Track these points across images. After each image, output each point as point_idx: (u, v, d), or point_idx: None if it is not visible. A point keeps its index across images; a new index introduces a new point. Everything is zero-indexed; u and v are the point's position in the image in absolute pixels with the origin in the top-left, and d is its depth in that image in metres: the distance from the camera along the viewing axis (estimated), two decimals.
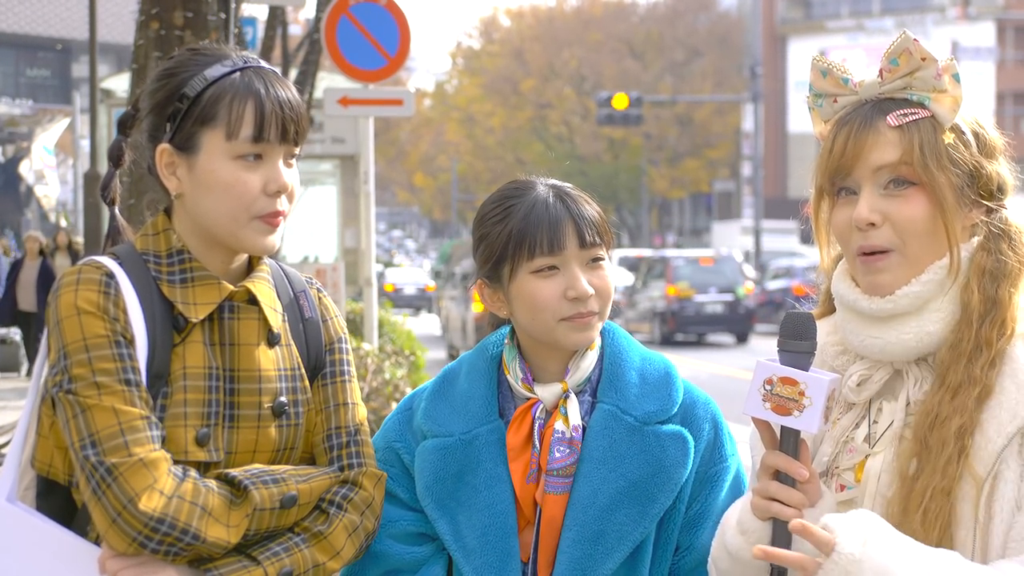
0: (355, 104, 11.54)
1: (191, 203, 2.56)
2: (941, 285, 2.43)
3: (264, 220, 2.54)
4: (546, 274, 2.78)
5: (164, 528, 2.38)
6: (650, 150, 57.94)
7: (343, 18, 11.44)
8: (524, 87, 60.57)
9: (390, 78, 11.92)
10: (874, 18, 54.40)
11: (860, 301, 2.47)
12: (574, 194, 2.84)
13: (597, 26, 60.78)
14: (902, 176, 2.42)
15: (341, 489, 2.64)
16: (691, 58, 59.76)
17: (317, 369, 2.70)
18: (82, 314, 2.45)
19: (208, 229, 2.56)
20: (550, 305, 2.78)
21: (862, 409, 2.54)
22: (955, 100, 2.42)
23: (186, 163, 2.54)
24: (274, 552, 2.51)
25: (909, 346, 2.44)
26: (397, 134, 60.72)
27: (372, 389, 9.89)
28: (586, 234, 2.78)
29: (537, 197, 2.83)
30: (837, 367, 2.56)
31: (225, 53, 2.59)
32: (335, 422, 2.69)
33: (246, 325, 2.59)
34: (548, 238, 2.77)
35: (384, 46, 11.51)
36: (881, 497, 2.42)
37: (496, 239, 2.82)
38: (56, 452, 2.54)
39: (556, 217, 2.79)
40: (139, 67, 6.66)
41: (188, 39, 6.52)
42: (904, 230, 2.42)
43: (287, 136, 2.55)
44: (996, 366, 2.38)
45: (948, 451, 2.34)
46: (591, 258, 2.80)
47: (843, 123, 2.48)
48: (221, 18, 6.87)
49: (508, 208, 2.84)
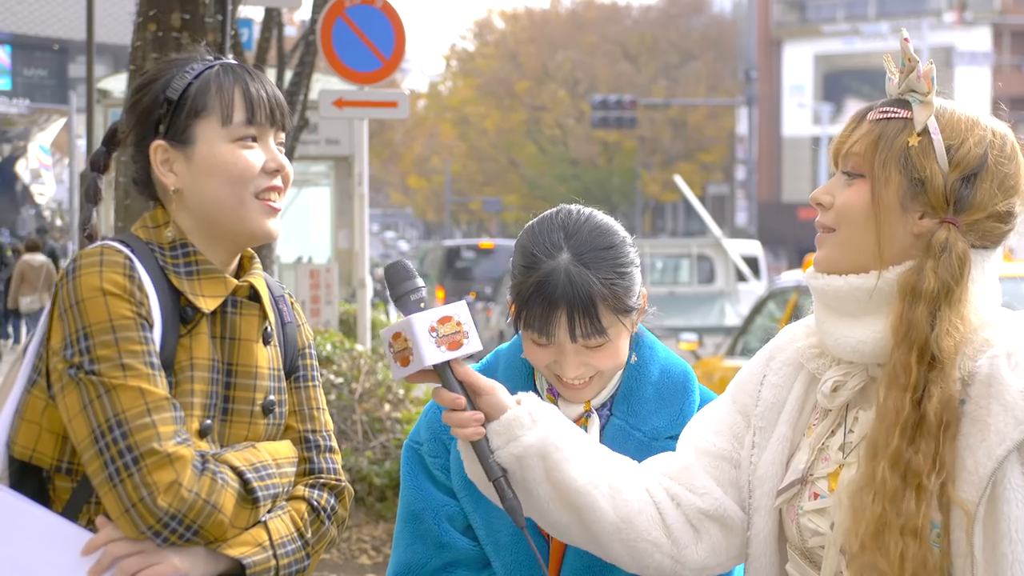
0: (350, 106, 11.56)
1: (192, 195, 2.59)
2: (879, 291, 2.46)
3: (265, 202, 2.59)
4: (541, 342, 2.80)
5: (174, 525, 2.41)
6: (644, 153, 57.88)
7: (339, 20, 11.47)
8: (518, 89, 60.47)
9: (385, 80, 11.94)
10: (870, 22, 54.37)
11: (808, 276, 2.55)
12: (584, 273, 2.77)
13: (591, 29, 60.70)
14: (854, 166, 2.49)
15: (331, 500, 2.69)
16: (685, 61, 59.69)
17: (290, 372, 2.75)
18: (108, 295, 2.45)
19: (211, 218, 2.59)
20: (538, 365, 2.84)
21: (837, 416, 2.57)
22: (931, 106, 2.47)
23: (183, 155, 2.58)
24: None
25: (879, 346, 2.46)
26: (391, 136, 60.61)
27: (365, 390, 9.90)
28: (577, 328, 2.75)
29: (551, 271, 2.77)
30: (814, 371, 2.59)
31: (195, 56, 2.66)
32: (311, 425, 2.74)
33: (247, 321, 2.63)
34: (538, 323, 2.77)
35: (379, 48, 11.53)
36: (849, 497, 2.44)
37: (513, 286, 2.84)
38: (45, 436, 2.53)
39: (551, 303, 2.75)
40: (136, 68, 6.69)
41: (185, 40, 6.55)
42: (839, 214, 2.50)
43: (275, 119, 2.62)
44: (936, 394, 2.36)
45: (908, 489, 2.35)
46: (589, 345, 2.78)
47: (856, 113, 2.56)
48: (218, 20, 6.91)
49: (525, 268, 2.81)
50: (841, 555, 2.45)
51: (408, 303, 2.53)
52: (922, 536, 2.33)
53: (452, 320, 2.51)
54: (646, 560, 2.62)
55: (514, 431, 2.56)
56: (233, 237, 2.62)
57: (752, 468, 2.63)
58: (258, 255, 2.76)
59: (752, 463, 2.63)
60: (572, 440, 2.61)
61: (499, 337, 24.75)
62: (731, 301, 20.04)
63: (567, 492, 2.57)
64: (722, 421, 2.70)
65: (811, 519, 2.52)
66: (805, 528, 2.53)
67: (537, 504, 2.60)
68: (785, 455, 2.60)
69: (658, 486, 2.65)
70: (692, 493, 2.64)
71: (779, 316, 11.81)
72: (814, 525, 2.51)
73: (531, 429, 2.56)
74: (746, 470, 2.64)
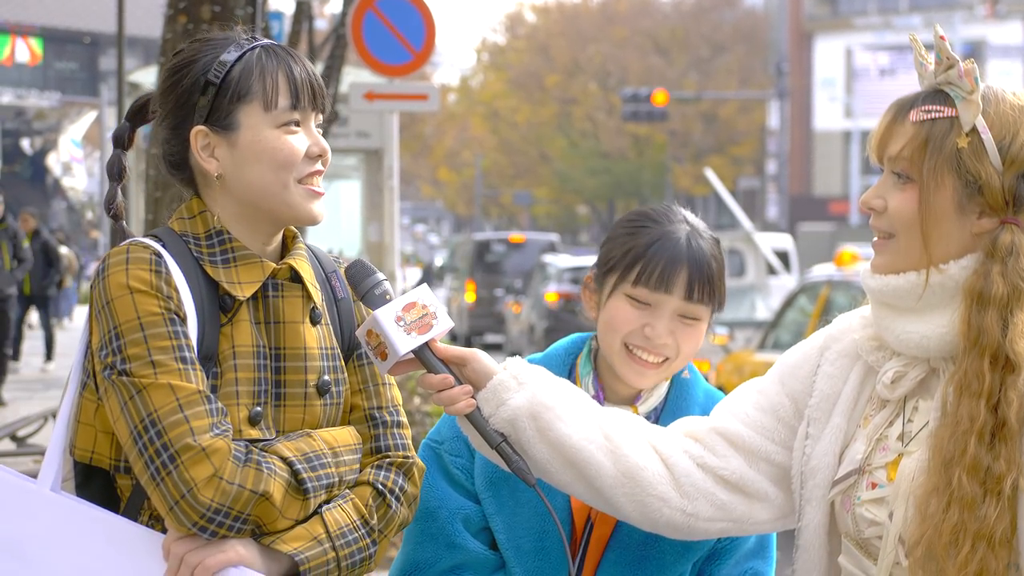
0: (380, 99, 11.58)
1: (235, 180, 2.56)
2: (941, 285, 2.45)
3: (309, 187, 2.57)
4: (638, 305, 2.79)
5: (220, 518, 2.39)
6: (674, 147, 57.77)
7: (369, 13, 11.47)
8: (549, 83, 60.42)
9: (415, 73, 11.94)
10: (901, 15, 54.10)
11: (864, 276, 2.54)
12: (702, 241, 2.84)
13: (622, 22, 60.61)
14: (903, 169, 2.45)
15: (398, 479, 2.63)
16: (716, 54, 59.55)
17: (351, 350, 2.71)
18: (135, 293, 2.43)
19: (255, 203, 2.56)
20: (624, 328, 2.80)
21: (896, 407, 2.54)
22: (978, 104, 2.42)
23: (226, 141, 2.55)
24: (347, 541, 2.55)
25: (945, 340, 2.44)
26: (422, 129, 60.59)
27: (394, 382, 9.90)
28: (695, 288, 2.78)
29: (670, 234, 2.82)
30: (873, 363, 2.57)
31: (233, 36, 2.62)
32: (376, 401, 2.70)
33: (290, 303, 2.60)
34: (658, 275, 2.78)
35: (410, 41, 11.54)
36: (914, 497, 2.43)
37: (617, 249, 2.84)
38: (101, 437, 2.52)
39: (675, 258, 2.79)
40: (167, 61, 6.69)
41: None
42: (895, 220, 2.47)
43: (317, 102, 2.60)
44: (1016, 399, 2.35)
45: (989, 496, 2.35)
46: (688, 314, 2.80)
47: (893, 106, 2.52)
48: (248, 12, 6.91)
49: (642, 227, 2.85)
50: (899, 544, 2.44)
51: (374, 298, 2.56)
52: (999, 541, 2.33)
53: (417, 305, 2.54)
54: (655, 515, 2.62)
55: (501, 395, 2.59)
56: (276, 221, 2.60)
57: (805, 459, 2.61)
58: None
59: (805, 454, 2.61)
60: (563, 398, 2.63)
61: (529, 331, 24.70)
62: (762, 295, 20.00)
63: (563, 449, 2.59)
64: (767, 399, 2.68)
65: (868, 509, 2.50)
66: (861, 518, 2.51)
67: (537, 465, 2.61)
68: (839, 446, 2.58)
69: (670, 443, 2.65)
70: (713, 455, 2.65)
71: (810, 310, 11.76)
72: (871, 515, 2.50)
73: (517, 391, 2.60)
74: (798, 460, 2.63)
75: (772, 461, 2.65)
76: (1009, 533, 2.35)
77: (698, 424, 2.71)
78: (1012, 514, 2.35)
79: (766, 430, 2.65)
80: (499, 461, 2.61)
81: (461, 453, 2.88)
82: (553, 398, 2.62)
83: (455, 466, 2.88)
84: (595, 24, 61.25)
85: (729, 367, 12.77)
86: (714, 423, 2.69)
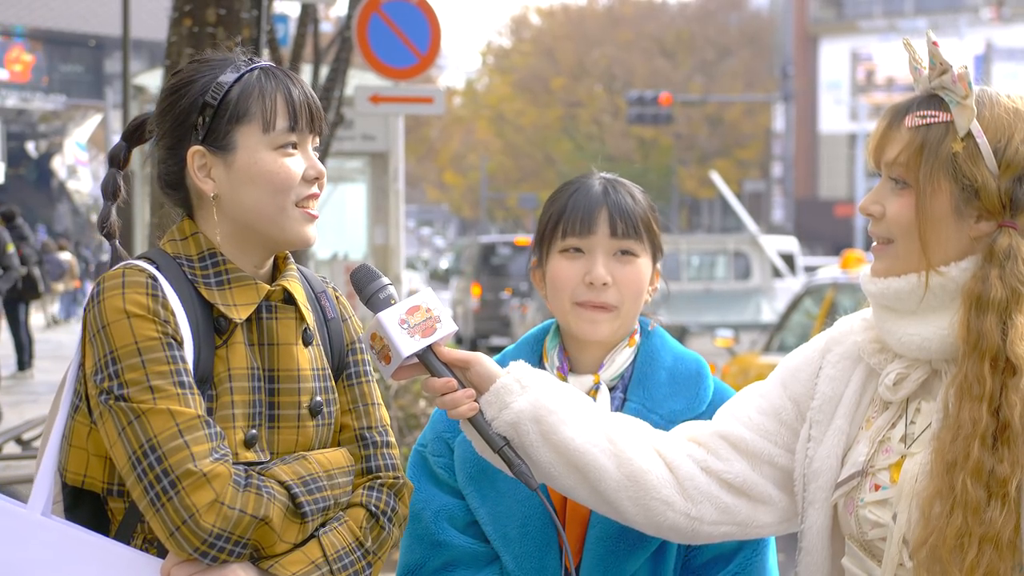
0: (386, 102, 11.59)
1: (231, 202, 2.56)
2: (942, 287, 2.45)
3: (305, 210, 2.57)
4: (571, 255, 2.85)
5: (220, 543, 2.38)
6: (680, 150, 57.74)
7: (374, 16, 11.48)
8: (554, 86, 60.41)
9: (421, 76, 11.95)
10: (907, 18, 54.08)
11: (864, 281, 2.54)
12: (621, 187, 2.91)
13: (628, 25, 60.58)
14: (900, 175, 2.45)
15: (390, 500, 2.64)
16: (722, 57, 59.51)
17: (340, 369, 2.72)
18: (132, 317, 2.43)
19: (250, 225, 2.56)
20: (567, 286, 2.85)
21: (898, 408, 2.55)
22: (972, 109, 2.42)
23: (223, 162, 2.55)
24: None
25: (946, 342, 2.44)
26: (427, 132, 60.64)
27: (400, 386, 9.90)
28: (618, 223, 2.84)
29: (586, 185, 2.91)
30: (875, 365, 2.57)
31: (231, 58, 2.61)
32: (366, 421, 2.70)
33: (284, 325, 2.60)
34: (580, 219, 2.84)
35: (415, 44, 11.54)
36: (918, 498, 2.43)
37: (543, 218, 2.91)
38: (94, 460, 2.51)
39: (593, 202, 2.86)
40: (172, 64, 6.69)
41: (221, 36, 6.55)
42: (893, 225, 2.48)
43: (314, 125, 2.60)
44: (1018, 402, 2.35)
45: (993, 499, 2.35)
46: (620, 249, 2.85)
47: (889, 112, 2.52)
48: (253, 15, 6.91)
49: (560, 192, 2.93)
50: (903, 546, 2.44)
51: (378, 302, 2.57)
52: (1006, 544, 2.33)
53: (421, 308, 2.56)
54: (659, 519, 2.63)
55: (504, 399, 2.60)
56: (270, 244, 2.60)
57: (807, 462, 2.62)
58: (293, 253, 2.73)
59: (808, 456, 2.62)
60: (566, 402, 2.63)
61: None
62: (767, 298, 19.98)
63: (567, 453, 2.60)
64: (769, 403, 2.69)
65: (872, 511, 2.51)
66: (865, 520, 2.52)
67: (540, 469, 2.62)
68: (842, 448, 2.58)
69: (674, 447, 2.66)
70: (717, 459, 2.66)
71: (815, 313, 11.75)
72: (875, 517, 2.50)
73: (521, 395, 2.60)
74: (801, 463, 2.63)
75: (775, 464, 2.65)
76: (1014, 535, 2.35)
77: (701, 428, 2.71)
78: (1018, 516, 2.35)
79: (769, 433, 2.66)
80: (502, 465, 2.63)
81: (443, 452, 2.92)
82: (556, 402, 2.62)
83: (438, 465, 2.92)
84: (600, 27, 61.22)
85: (734, 370, 12.76)
86: (717, 427, 2.69)
